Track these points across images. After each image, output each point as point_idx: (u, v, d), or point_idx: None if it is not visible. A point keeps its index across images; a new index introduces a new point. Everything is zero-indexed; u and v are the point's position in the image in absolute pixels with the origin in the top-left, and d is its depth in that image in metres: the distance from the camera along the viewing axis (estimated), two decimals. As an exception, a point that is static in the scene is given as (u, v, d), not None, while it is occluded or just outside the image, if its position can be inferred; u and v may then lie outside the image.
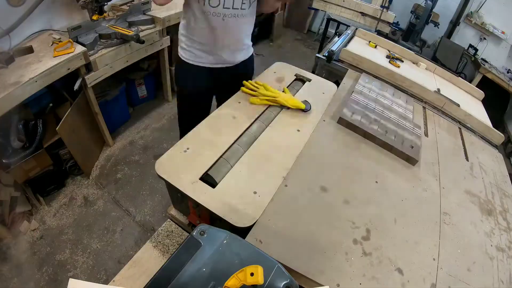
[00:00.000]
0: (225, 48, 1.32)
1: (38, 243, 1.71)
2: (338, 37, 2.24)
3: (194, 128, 1.09)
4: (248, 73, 1.54)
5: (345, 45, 1.95)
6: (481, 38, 3.58)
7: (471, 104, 1.81)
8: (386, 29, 3.26)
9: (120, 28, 1.89)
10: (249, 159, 1.01)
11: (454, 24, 3.63)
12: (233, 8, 1.18)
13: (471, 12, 3.56)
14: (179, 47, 1.40)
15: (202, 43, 1.30)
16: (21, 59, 1.54)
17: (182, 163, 0.95)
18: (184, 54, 1.37)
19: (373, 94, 1.47)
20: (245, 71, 1.49)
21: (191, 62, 1.36)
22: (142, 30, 2.03)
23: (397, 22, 3.58)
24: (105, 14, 1.88)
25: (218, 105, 1.63)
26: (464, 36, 3.69)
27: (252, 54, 1.53)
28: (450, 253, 0.91)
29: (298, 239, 0.82)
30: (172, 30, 2.29)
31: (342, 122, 1.22)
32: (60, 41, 1.68)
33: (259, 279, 0.49)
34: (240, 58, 1.42)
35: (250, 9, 1.25)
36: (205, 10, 1.17)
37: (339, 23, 3.30)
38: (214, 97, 1.63)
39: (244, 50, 1.43)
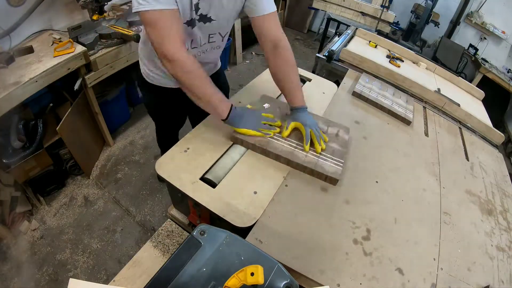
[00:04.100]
0: None
1: (38, 243, 1.71)
2: (338, 37, 2.24)
3: (194, 128, 1.09)
4: (220, 87, 1.47)
5: (345, 45, 1.95)
6: (481, 38, 3.57)
7: (471, 104, 1.81)
8: (387, 29, 3.27)
9: (120, 28, 1.89)
10: (249, 159, 1.01)
11: (454, 24, 3.62)
12: (200, 46, 1.08)
13: (471, 12, 3.56)
14: (141, 68, 1.24)
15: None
16: (21, 59, 1.54)
17: (182, 163, 0.95)
18: (149, 76, 1.22)
19: (374, 94, 1.47)
20: (217, 83, 1.39)
21: (157, 84, 1.21)
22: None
23: (397, 22, 3.59)
24: (105, 14, 1.88)
25: (192, 125, 1.59)
26: (464, 36, 3.69)
27: (221, 67, 1.41)
28: (450, 253, 0.90)
29: (298, 239, 0.82)
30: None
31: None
32: (60, 41, 1.67)
33: (260, 279, 0.49)
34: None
35: (222, 42, 1.15)
36: None
37: (339, 23, 3.30)
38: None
39: (214, 68, 1.35)
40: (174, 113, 1.41)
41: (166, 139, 1.72)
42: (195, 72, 0.88)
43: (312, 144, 1.02)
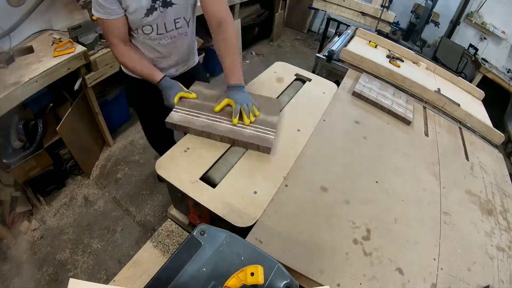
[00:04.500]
0: (167, 64, 1.29)
1: (38, 243, 1.71)
2: (338, 36, 2.24)
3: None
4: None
5: (345, 45, 1.95)
6: (481, 38, 3.57)
7: (471, 104, 1.81)
8: (387, 29, 3.26)
9: (120, 28, 1.89)
10: (249, 159, 1.01)
11: (455, 23, 3.62)
12: (166, 32, 1.14)
13: (471, 11, 3.55)
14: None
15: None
16: (21, 59, 1.54)
17: (182, 163, 0.95)
18: (124, 69, 1.32)
19: (374, 94, 1.47)
20: (194, 79, 1.38)
21: (131, 75, 1.29)
22: (142, 30, 2.03)
23: (397, 21, 3.58)
24: (105, 14, 1.87)
25: None
26: (464, 36, 3.69)
27: (198, 63, 1.47)
28: (451, 253, 0.91)
29: (298, 239, 0.82)
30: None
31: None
32: (60, 41, 1.67)
33: (260, 279, 0.49)
34: (183, 69, 1.38)
35: (188, 28, 1.20)
36: (139, 38, 1.14)
37: (339, 22, 3.30)
38: None
39: (187, 61, 1.38)
40: (152, 103, 1.39)
41: (156, 137, 1.72)
42: (130, 58, 1.13)
43: (241, 118, 1.06)
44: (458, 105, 1.62)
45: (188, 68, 1.41)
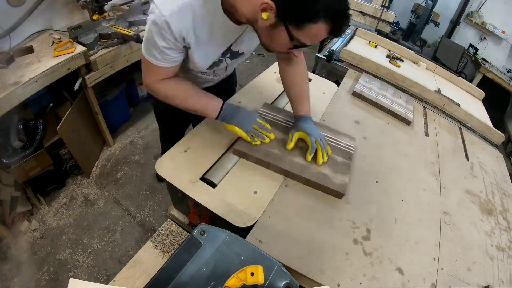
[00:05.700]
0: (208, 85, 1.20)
1: (38, 243, 1.71)
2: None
3: (194, 128, 1.09)
4: (231, 86, 1.43)
5: (345, 45, 1.95)
6: (481, 38, 3.57)
7: (471, 103, 1.81)
8: (387, 29, 3.26)
9: (120, 28, 1.89)
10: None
11: (455, 23, 3.63)
12: (225, 71, 1.10)
13: (472, 11, 3.56)
14: None
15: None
16: (21, 59, 1.54)
17: (182, 163, 0.95)
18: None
19: (374, 94, 1.47)
20: (227, 85, 1.33)
21: None
22: (142, 30, 2.03)
23: (398, 21, 3.59)
24: (105, 14, 1.87)
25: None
26: (465, 36, 3.69)
27: (234, 69, 1.38)
28: (451, 253, 0.91)
29: (298, 239, 0.82)
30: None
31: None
32: (60, 41, 1.67)
33: (260, 279, 0.49)
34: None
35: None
36: (195, 74, 1.05)
37: (339, 22, 3.29)
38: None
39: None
40: (179, 115, 1.35)
41: (172, 139, 1.67)
42: (173, 95, 0.95)
43: (314, 156, 0.98)
44: (458, 105, 1.62)
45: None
